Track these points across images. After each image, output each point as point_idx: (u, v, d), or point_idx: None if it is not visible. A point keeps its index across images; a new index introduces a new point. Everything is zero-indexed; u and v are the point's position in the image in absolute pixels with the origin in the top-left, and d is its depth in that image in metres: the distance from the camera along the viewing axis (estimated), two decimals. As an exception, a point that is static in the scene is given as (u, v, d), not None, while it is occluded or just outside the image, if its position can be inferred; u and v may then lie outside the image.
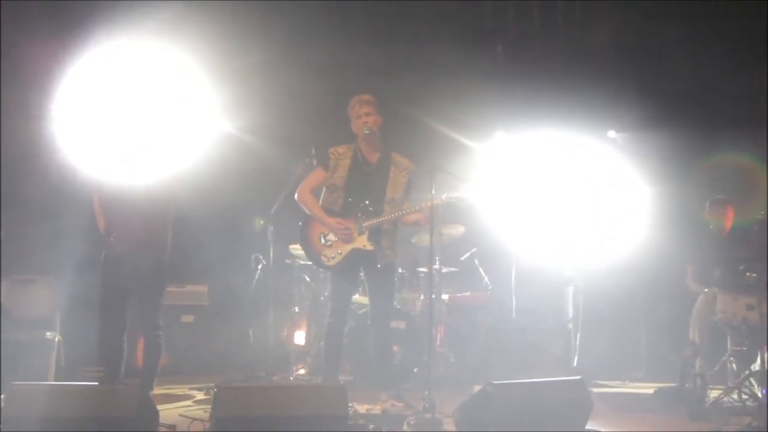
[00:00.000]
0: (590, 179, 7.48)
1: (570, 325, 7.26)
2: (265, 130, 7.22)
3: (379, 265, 5.37)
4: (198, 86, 6.02)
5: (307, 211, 5.47)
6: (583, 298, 7.16)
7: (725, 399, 5.50)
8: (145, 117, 5.61)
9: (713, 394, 5.64)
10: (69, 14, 6.63)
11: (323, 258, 5.42)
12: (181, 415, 5.27)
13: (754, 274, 5.67)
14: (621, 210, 7.44)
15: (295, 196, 5.51)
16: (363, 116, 5.35)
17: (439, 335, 6.76)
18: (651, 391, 6.24)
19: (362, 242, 5.35)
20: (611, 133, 7.91)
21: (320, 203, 5.48)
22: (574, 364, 7.06)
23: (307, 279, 7.13)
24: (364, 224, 5.33)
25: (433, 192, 5.11)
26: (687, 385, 5.61)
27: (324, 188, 5.48)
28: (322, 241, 5.41)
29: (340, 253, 5.38)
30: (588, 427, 4.85)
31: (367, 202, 5.36)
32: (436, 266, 6.83)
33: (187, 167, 5.47)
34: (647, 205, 7.40)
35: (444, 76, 7.68)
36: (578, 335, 7.12)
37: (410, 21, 7.68)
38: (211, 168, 6.40)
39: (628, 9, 7.82)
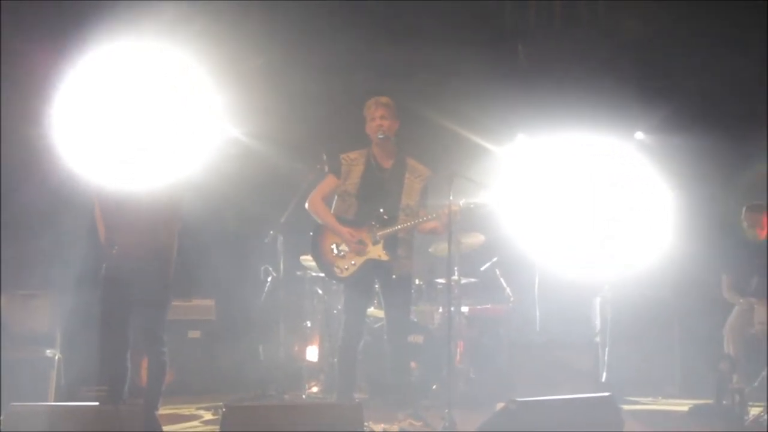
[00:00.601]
0: (616, 184, 7.48)
1: (598, 339, 7.25)
2: (273, 136, 7.22)
3: (394, 276, 5.35)
4: (203, 89, 6.01)
5: (319, 220, 5.46)
6: (612, 309, 7.16)
7: (766, 416, 5.42)
8: (148, 122, 5.61)
9: (753, 411, 5.60)
10: (69, 15, 6.65)
11: (336, 269, 5.40)
12: (188, 436, 5.30)
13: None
14: (650, 216, 7.42)
15: (306, 204, 5.50)
16: (378, 119, 5.34)
17: (458, 350, 6.76)
18: (685, 408, 6.21)
19: (377, 252, 5.32)
20: (639, 135, 7.89)
21: (332, 211, 5.46)
22: (603, 379, 7.04)
23: (320, 292, 7.14)
24: (378, 233, 5.31)
25: (451, 198, 5.13)
26: (724, 402, 5.58)
27: (336, 196, 5.47)
28: (335, 251, 5.39)
29: (353, 264, 5.35)
30: (618, 446, 4.81)
31: (381, 209, 5.35)
32: (455, 277, 6.82)
33: (193, 175, 5.48)
34: (678, 210, 7.39)
35: (463, 76, 7.65)
36: (607, 349, 7.10)
37: (427, 20, 7.66)
38: (218, 176, 6.40)
39: (653, 6, 7.77)
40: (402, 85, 6.88)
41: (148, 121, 5.59)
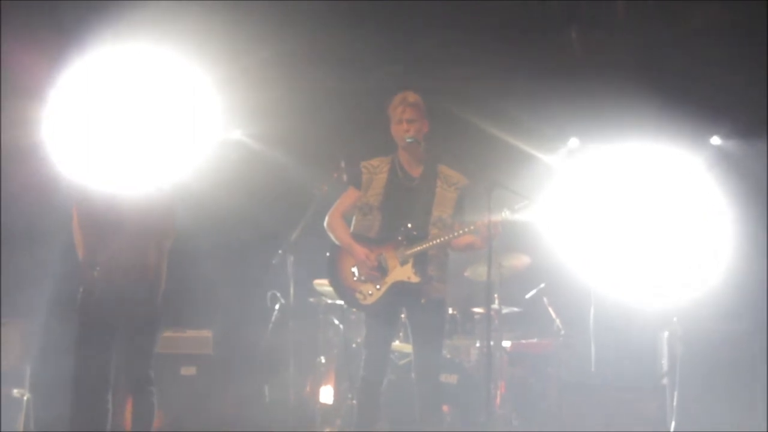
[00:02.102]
0: (687, 199, 7.48)
1: (665, 381, 7.07)
2: (282, 138, 7.24)
3: (424, 300, 5.23)
4: (200, 88, 6.00)
5: (334, 239, 5.38)
6: (683, 346, 6.99)
7: None
8: (138, 124, 5.66)
9: None
10: (61, 16, 6.72)
11: (358, 295, 5.28)
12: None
13: None
14: (728, 237, 7.38)
15: (325, 222, 5.41)
16: (404, 122, 5.25)
17: (499, 392, 6.72)
18: (771, 464, 6.17)
19: (405, 273, 5.21)
20: (715, 140, 7.80)
21: (352, 229, 5.37)
22: (672, 429, 6.87)
23: (336, 322, 7.10)
24: (407, 252, 5.21)
25: (491, 211, 5.02)
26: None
27: (356, 210, 5.38)
28: (356, 275, 5.30)
29: (378, 289, 5.25)
30: None
31: (409, 225, 5.23)
32: (495, 306, 6.80)
33: (187, 183, 5.54)
34: (762, 230, 7.27)
35: (505, 70, 7.50)
36: (676, 393, 6.91)
37: (463, 6, 7.58)
38: (217, 184, 6.50)
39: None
40: (433, 80, 6.83)
41: (137, 122, 5.65)
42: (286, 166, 7.21)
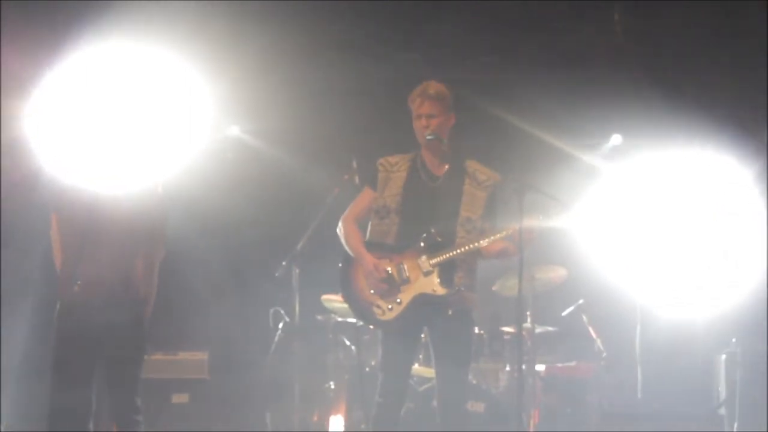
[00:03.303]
0: (742, 207, 7.44)
1: (723, 411, 7.02)
2: (286, 135, 7.30)
3: (451, 312, 5.17)
4: (191, 78, 6.06)
5: (345, 247, 5.34)
6: (742, 370, 6.98)
7: None
8: (124, 122, 5.67)
9: None
10: (51, 14, 6.81)
11: (376, 310, 5.23)
12: None
13: None
14: None
15: (338, 228, 5.38)
16: (423, 117, 5.22)
17: (532, 422, 6.70)
18: None
19: (430, 285, 5.16)
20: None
21: (368, 235, 5.34)
22: (729, 465, 6.95)
23: (347, 342, 7.10)
24: (431, 261, 5.15)
25: (522, 216, 4.99)
26: None
27: (372, 214, 5.35)
28: (373, 288, 5.25)
29: (399, 303, 5.19)
30: None
31: (432, 229, 5.18)
32: (528, 324, 6.77)
33: (180, 186, 5.52)
34: None
35: (537, 58, 7.51)
36: (735, 424, 6.92)
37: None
38: (213, 187, 6.44)
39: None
40: (456, 70, 6.86)
41: (122, 118, 5.66)
42: (290, 166, 7.29)
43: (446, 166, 5.30)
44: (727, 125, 7.36)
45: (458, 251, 5.14)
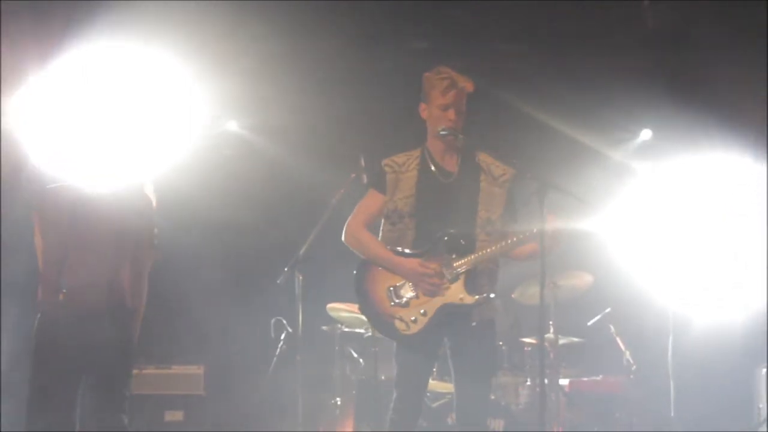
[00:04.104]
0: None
1: (764, 428, 7.06)
2: (287, 132, 7.35)
3: (474, 323, 5.13)
4: (186, 69, 6.08)
5: (363, 255, 5.28)
6: None
7: None
8: (111, 115, 5.64)
9: None
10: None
11: (398, 324, 5.15)
12: None
13: None
14: None
15: (343, 236, 5.33)
16: (452, 110, 5.15)
17: None
18: None
19: (457, 293, 5.09)
20: None
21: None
22: (771, 489, 6.94)
23: (354, 355, 7.17)
24: (455, 264, 5.11)
25: (544, 218, 4.90)
26: None
27: (382, 219, 5.30)
28: (394, 298, 5.20)
29: (424, 315, 5.12)
30: None
31: (452, 231, 5.14)
32: (550, 335, 6.79)
33: (173, 184, 5.48)
34: None
35: (559, 46, 7.52)
36: None
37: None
38: (209, 188, 6.43)
39: None
40: (470, 58, 6.72)
41: (109, 111, 5.63)
42: (292, 163, 7.31)
43: (457, 159, 5.27)
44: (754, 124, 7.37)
45: (487, 253, 5.08)
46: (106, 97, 5.82)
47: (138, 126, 5.66)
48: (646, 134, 7.95)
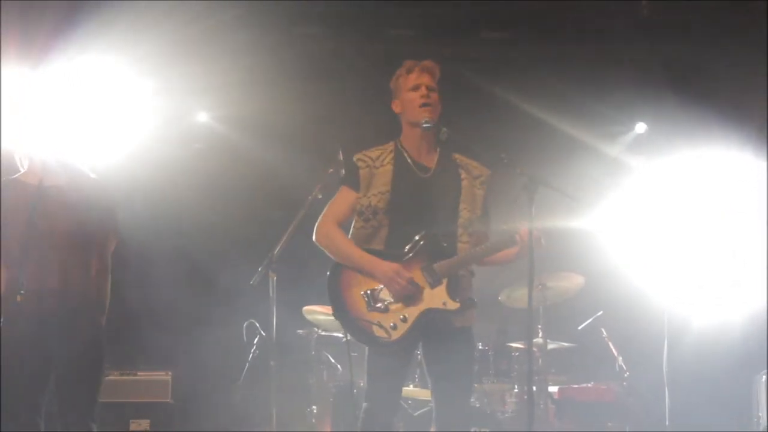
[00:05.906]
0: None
1: None
2: (261, 124, 7.30)
3: (455, 330, 5.10)
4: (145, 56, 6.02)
5: (334, 255, 5.26)
6: None
7: None
8: (70, 103, 5.72)
9: None
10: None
11: (377, 330, 5.09)
12: None
13: None
14: None
15: (314, 235, 5.31)
16: (424, 87, 5.17)
17: None
18: None
19: (439, 298, 5.07)
20: None
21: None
22: (771, 502, 6.91)
23: (332, 360, 7.18)
24: (437, 268, 5.09)
25: (533, 216, 4.91)
26: None
27: (355, 216, 5.27)
28: (370, 302, 5.19)
29: (404, 320, 5.08)
30: None
31: (434, 232, 5.13)
32: (539, 340, 6.81)
33: (137, 178, 5.49)
34: None
35: (549, 34, 7.53)
36: None
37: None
38: (178, 183, 6.40)
39: None
40: (454, 47, 6.91)
41: (68, 99, 5.73)
42: (266, 157, 7.30)
43: (435, 155, 5.26)
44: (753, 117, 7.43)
45: (471, 255, 5.08)
46: (62, 87, 5.84)
47: (90, 116, 5.66)
48: (640, 128, 7.99)
